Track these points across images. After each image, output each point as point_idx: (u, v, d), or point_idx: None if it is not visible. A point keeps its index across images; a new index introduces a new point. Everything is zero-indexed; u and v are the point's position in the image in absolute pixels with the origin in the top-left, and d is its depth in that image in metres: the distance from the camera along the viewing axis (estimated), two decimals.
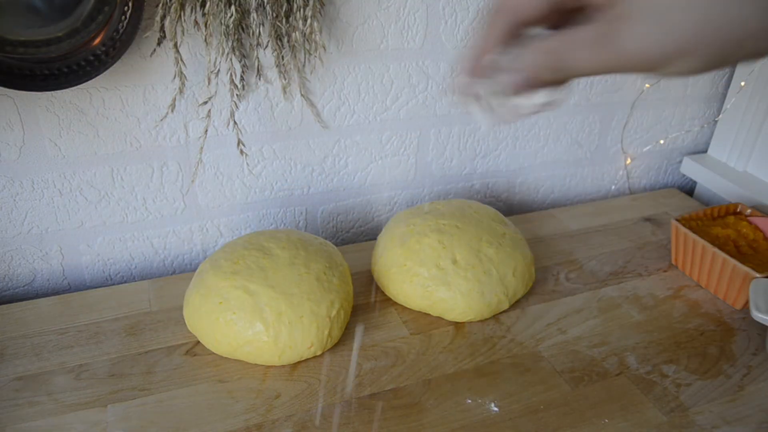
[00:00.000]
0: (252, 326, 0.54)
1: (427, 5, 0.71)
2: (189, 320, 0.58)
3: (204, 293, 0.56)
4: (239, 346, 0.55)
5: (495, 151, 0.85)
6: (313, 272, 0.57)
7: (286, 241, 0.60)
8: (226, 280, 0.56)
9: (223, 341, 0.55)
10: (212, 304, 0.55)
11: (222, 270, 0.57)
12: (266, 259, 0.58)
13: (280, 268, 0.57)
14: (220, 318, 0.55)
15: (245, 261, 0.58)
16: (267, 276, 0.56)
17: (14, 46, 0.51)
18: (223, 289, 0.56)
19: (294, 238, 0.62)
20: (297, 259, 0.58)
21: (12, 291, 0.69)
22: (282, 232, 0.63)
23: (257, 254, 0.58)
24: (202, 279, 0.58)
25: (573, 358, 0.58)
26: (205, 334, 0.56)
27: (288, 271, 0.57)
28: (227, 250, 0.60)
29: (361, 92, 0.73)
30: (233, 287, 0.56)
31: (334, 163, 0.76)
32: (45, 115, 0.61)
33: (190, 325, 0.58)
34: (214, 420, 0.50)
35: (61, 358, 0.56)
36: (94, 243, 0.70)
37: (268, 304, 0.54)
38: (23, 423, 0.50)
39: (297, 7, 0.61)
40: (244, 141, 0.68)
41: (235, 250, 0.59)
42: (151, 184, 0.69)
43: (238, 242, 0.61)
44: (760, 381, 0.56)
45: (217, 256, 0.60)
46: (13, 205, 0.64)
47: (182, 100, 0.65)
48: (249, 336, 0.54)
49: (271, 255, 0.58)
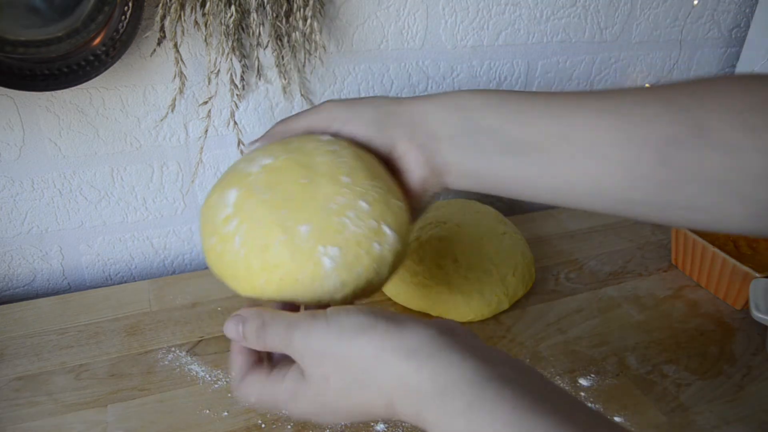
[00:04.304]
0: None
1: (427, 5, 0.71)
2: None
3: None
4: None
5: None
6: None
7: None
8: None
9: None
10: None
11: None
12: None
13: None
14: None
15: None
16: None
17: (14, 46, 0.51)
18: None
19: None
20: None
21: (12, 291, 0.69)
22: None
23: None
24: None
25: (573, 358, 0.58)
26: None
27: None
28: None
29: (361, 92, 0.73)
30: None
31: None
32: (45, 115, 0.61)
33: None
34: (214, 420, 0.50)
35: (61, 358, 0.56)
36: (94, 243, 0.70)
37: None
38: (23, 423, 0.50)
39: (297, 7, 0.61)
40: (244, 141, 0.68)
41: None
42: (151, 184, 0.69)
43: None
44: (760, 381, 0.56)
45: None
46: (13, 205, 0.64)
47: (182, 100, 0.65)
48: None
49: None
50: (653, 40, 0.86)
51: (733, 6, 0.88)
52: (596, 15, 0.80)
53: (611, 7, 0.80)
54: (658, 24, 0.85)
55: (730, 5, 0.87)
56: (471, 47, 0.75)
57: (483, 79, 0.78)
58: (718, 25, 0.88)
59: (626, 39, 0.84)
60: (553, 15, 0.78)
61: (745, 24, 0.90)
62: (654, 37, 0.85)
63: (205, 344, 0.58)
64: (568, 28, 0.80)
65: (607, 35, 0.82)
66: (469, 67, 0.77)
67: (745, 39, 0.88)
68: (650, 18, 0.84)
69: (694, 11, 0.85)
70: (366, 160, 0.41)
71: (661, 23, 0.85)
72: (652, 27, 0.84)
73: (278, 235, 0.36)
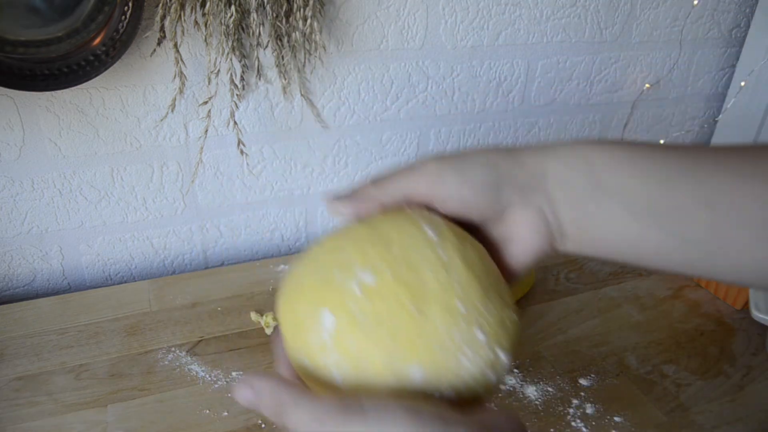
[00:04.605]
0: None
1: (427, 5, 0.71)
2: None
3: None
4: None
5: None
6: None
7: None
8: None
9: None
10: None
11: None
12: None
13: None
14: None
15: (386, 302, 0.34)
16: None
17: (14, 46, 0.51)
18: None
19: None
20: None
21: (12, 291, 0.69)
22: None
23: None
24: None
25: (573, 358, 0.58)
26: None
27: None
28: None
29: (361, 92, 0.73)
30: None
31: (334, 163, 0.76)
32: (45, 115, 0.61)
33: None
34: (214, 420, 0.50)
35: (61, 358, 0.56)
36: (94, 243, 0.70)
37: None
38: (23, 423, 0.50)
39: (297, 7, 0.61)
40: (244, 141, 0.68)
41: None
42: (151, 184, 0.69)
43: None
44: (760, 381, 0.56)
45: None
46: (13, 205, 0.64)
47: (182, 100, 0.65)
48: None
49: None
50: (653, 40, 0.86)
51: (733, 6, 0.88)
52: (596, 15, 0.80)
53: (611, 7, 0.80)
54: (658, 24, 0.85)
55: (730, 5, 0.87)
56: (471, 47, 0.75)
57: (483, 79, 0.78)
58: (718, 25, 0.88)
59: (626, 39, 0.84)
60: (553, 15, 0.78)
61: (745, 24, 0.90)
62: (654, 37, 0.86)
63: (205, 344, 0.58)
64: (568, 28, 0.80)
65: (607, 35, 0.82)
66: (469, 67, 0.77)
67: (745, 39, 0.88)
68: (650, 18, 0.84)
69: (694, 11, 0.85)
70: (476, 265, 0.36)
71: (661, 23, 0.85)
72: (652, 27, 0.84)
73: (387, 378, 0.33)
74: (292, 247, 0.80)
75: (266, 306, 0.64)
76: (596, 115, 0.88)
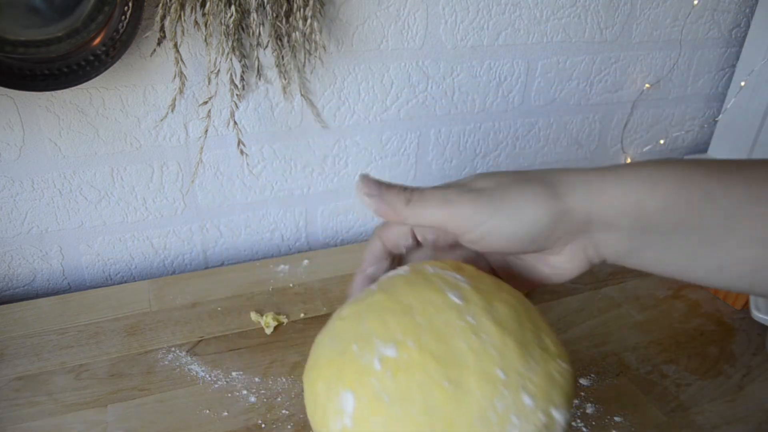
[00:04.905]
0: None
1: (427, 5, 0.71)
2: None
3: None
4: None
5: (495, 151, 0.85)
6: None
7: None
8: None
9: None
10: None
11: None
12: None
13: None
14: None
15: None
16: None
17: (14, 46, 0.51)
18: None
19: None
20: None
21: (12, 291, 0.69)
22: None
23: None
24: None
25: (573, 358, 0.58)
26: None
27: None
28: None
29: (361, 92, 0.73)
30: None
31: (334, 163, 0.76)
32: (45, 115, 0.61)
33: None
34: (214, 420, 0.50)
35: (61, 358, 0.56)
36: (94, 243, 0.70)
37: None
38: (23, 423, 0.50)
39: (297, 7, 0.61)
40: (244, 141, 0.68)
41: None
42: (151, 184, 0.69)
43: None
44: (760, 381, 0.56)
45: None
46: (13, 205, 0.64)
47: (182, 100, 0.65)
48: None
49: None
50: (653, 40, 0.86)
51: (733, 6, 0.88)
52: (596, 15, 0.80)
53: (611, 7, 0.80)
54: (658, 24, 0.85)
55: (730, 5, 0.87)
56: (471, 47, 0.75)
57: (483, 79, 0.78)
58: (718, 25, 0.88)
59: (626, 39, 0.84)
60: (553, 15, 0.78)
61: (745, 24, 0.90)
62: (654, 37, 0.86)
63: (205, 344, 0.58)
64: (568, 28, 0.80)
65: (607, 35, 0.82)
66: (469, 67, 0.77)
67: (745, 39, 0.88)
68: (650, 18, 0.84)
69: (694, 11, 0.85)
70: (509, 323, 0.33)
71: (661, 23, 0.85)
72: (652, 27, 0.84)
73: None
74: (292, 247, 0.80)
75: (266, 306, 0.64)
76: (596, 115, 0.88)
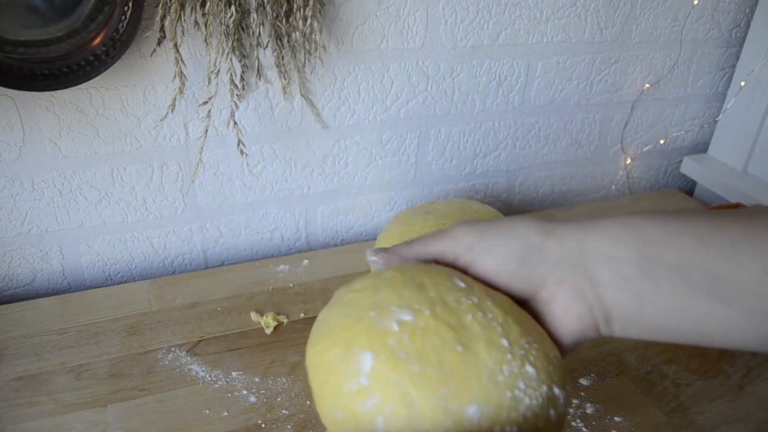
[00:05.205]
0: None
1: (427, 5, 0.71)
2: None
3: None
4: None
5: (495, 151, 0.85)
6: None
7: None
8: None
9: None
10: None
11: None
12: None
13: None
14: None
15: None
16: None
17: (14, 46, 0.51)
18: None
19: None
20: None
21: (12, 291, 0.69)
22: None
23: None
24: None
25: (573, 358, 0.58)
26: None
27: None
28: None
29: (361, 92, 0.73)
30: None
31: (334, 163, 0.76)
32: (45, 115, 0.61)
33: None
34: (214, 420, 0.50)
35: (61, 358, 0.56)
36: (94, 243, 0.70)
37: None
38: (23, 423, 0.50)
39: (297, 7, 0.61)
40: (244, 141, 0.68)
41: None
42: (151, 184, 0.69)
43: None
44: (760, 381, 0.56)
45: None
46: (13, 205, 0.64)
47: (182, 100, 0.65)
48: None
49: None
50: (653, 40, 0.86)
51: (733, 6, 0.88)
52: (596, 15, 0.80)
53: (611, 7, 0.80)
54: (658, 24, 0.85)
55: (730, 5, 0.87)
56: (471, 47, 0.75)
57: (483, 79, 0.78)
58: (718, 25, 0.88)
59: (626, 39, 0.84)
60: (553, 15, 0.78)
61: (745, 24, 0.90)
62: (654, 37, 0.86)
63: (205, 344, 0.58)
64: (568, 28, 0.80)
65: (607, 35, 0.82)
66: (469, 67, 0.77)
67: (745, 39, 0.88)
68: (650, 18, 0.84)
69: (694, 11, 0.85)
70: (509, 309, 0.35)
71: (661, 23, 0.85)
72: (652, 27, 0.84)
73: (442, 420, 0.30)
74: (292, 247, 0.80)
75: (266, 306, 0.64)
76: (596, 115, 0.88)
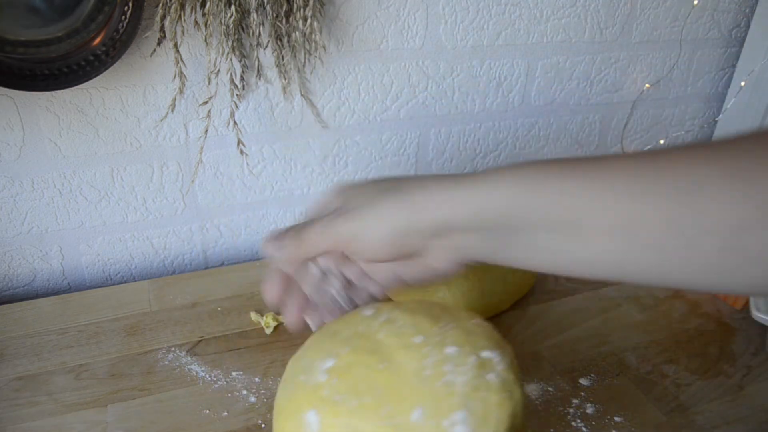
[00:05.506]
0: None
1: (427, 5, 0.71)
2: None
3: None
4: None
5: (495, 151, 0.85)
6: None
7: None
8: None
9: None
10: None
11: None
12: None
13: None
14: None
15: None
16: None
17: (14, 46, 0.51)
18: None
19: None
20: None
21: (12, 291, 0.69)
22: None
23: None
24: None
25: (573, 358, 0.58)
26: None
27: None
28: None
29: (361, 92, 0.73)
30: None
31: (334, 163, 0.76)
32: (45, 115, 0.61)
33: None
34: (214, 420, 0.50)
35: (61, 358, 0.56)
36: (94, 243, 0.70)
37: None
38: (23, 423, 0.49)
39: (297, 7, 0.61)
40: (244, 141, 0.68)
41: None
42: (151, 184, 0.69)
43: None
44: (760, 381, 0.56)
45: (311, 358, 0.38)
46: (13, 205, 0.64)
47: (182, 100, 0.65)
48: None
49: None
50: (653, 40, 0.86)
51: (733, 6, 0.88)
52: (596, 15, 0.80)
53: (611, 7, 0.80)
54: (658, 24, 0.85)
55: (730, 5, 0.87)
56: (471, 47, 0.75)
57: (483, 79, 0.78)
58: (718, 25, 0.88)
59: (626, 39, 0.84)
60: (553, 15, 0.78)
61: (745, 24, 0.90)
62: (654, 37, 0.86)
63: (205, 344, 0.58)
64: (568, 28, 0.80)
65: (607, 35, 0.82)
66: (469, 67, 0.77)
67: (745, 39, 0.88)
68: (650, 18, 0.84)
69: (694, 11, 0.85)
70: (417, 307, 0.39)
71: (661, 23, 0.85)
72: (652, 27, 0.84)
73: None
74: None
75: (266, 306, 0.64)
76: (596, 115, 0.88)
